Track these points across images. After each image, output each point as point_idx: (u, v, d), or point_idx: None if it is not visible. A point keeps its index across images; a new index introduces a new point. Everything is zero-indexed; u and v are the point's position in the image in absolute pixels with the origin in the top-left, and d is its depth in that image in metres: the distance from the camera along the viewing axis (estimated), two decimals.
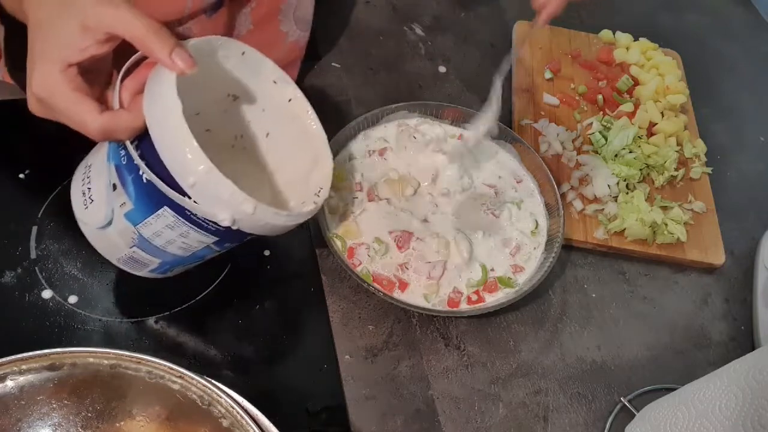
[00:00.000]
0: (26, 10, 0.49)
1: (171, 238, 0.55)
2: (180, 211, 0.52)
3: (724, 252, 0.80)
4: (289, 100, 0.62)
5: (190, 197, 0.50)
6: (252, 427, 0.48)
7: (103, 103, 0.50)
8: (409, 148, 0.78)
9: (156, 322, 0.65)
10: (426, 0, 1.01)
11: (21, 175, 0.71)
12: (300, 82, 0.86)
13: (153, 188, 0.51)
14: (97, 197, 0.56)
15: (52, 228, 0.68)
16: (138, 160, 0.51)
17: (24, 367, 0.49)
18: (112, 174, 0.54)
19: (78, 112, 0.48)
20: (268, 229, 0.55)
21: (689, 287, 0.79)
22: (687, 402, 0.59)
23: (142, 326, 0.64)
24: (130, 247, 0.57)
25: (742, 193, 0.89)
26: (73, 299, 0.65)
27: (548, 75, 0.93)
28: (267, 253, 0.71)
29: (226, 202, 0.50)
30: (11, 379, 0.48)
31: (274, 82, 0.61)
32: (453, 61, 0.95)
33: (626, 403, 0.68)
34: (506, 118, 0.89)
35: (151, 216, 0.53)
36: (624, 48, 0.97)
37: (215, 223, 0.52)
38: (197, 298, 0.67)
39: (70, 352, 0.49)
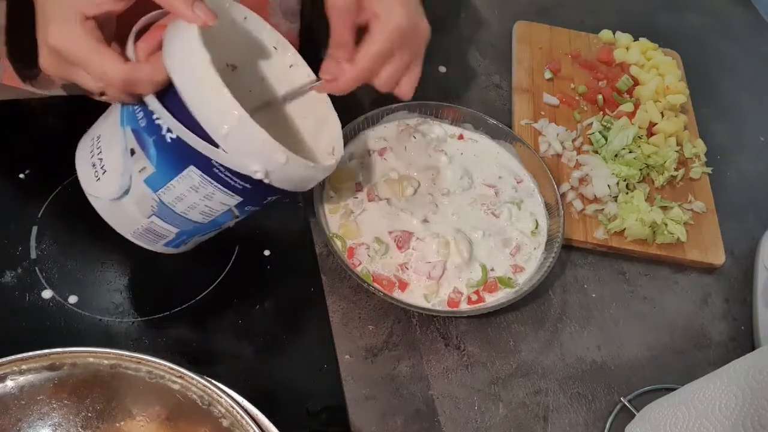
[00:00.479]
0: None
1: (194, 202, 0.53)
2: (207, 168, 0.51)
3: (724, 252, 0.80)
4: (290, 67, 0.61)
5: (222, 149, 0.49)
6: (252, 427, 0.48)
7: None
8: (409, 148, 0.78)
9: (156, 322, 0.65)
10: (426, 0, 1.01)
11: (21, 175, 0.71)
12: None
13: (179, 147, 0.50)
14: (110, 166, 0.54)
15: (53, 228, 0.68)
16: (166, 116, 0.49)
17: (24, 367, 0.49)
18: (128, 139, 0.53)
19: (100, 61, 0.48)
20: (294, 182, 0.53)
21: (689, 287, 0.79)
22: (687, 402, 0.59)
23: (142, 326, 0.64)
24: (148, 217, 0.55)
25: (742, 193, 0.89)
26: (73, 299, 0.64)
27: (548, 75, 0.93)
28: (267, 253, 0.71)
29: (259, 152, 0.49)
30: (11, 379, 0.48)
31: (275, 48, 0.60)
32: (453, 61, 0.95)
33: (626, 403, 0.68)
34: (506, 118, 0.89)
35: (175, 178, 0.52)
36: (624, 48, 0.97)
37: (243, 179, 0.51)
38: (197, 298, 0.67)
39: (70, 352, 0.49)
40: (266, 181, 0.51)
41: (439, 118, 0.82)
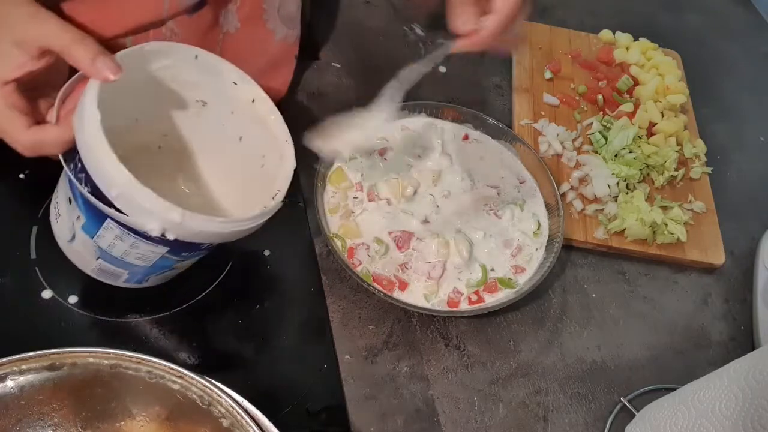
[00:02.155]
0: None
1: (125, 249, 0.55)
2: (120, 222, 0.52)
3: (724, 252, 0.80)
4: (253, 101, 0.61)
5: (118, 209, 0.50)
6: (252, 427, 0.48)
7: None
8: (410, 149, 0.78)
9: (156, 322, 0.65)
10: (426, 0, 1.01)
11: (21, 175, 0.71)
12: (300, 82, 0.86)
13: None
14: (62, 212, 0.57)
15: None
16: (70, 174, 0.51)
17: (24, 367, 0.49)
18: (68, 188, 0.54)
19: (8, 127, 0.50)
20: (209, 236, 0.53)
21: (689, 287, 0.79)
22: (687, 402, 0.59)
23: (142, 326, 0.64)
24: (96, 259, 0.57)
25: (742, 193, 0.89)
26: (73, 299, 0.64)
27: (548, 75, 0.93)
28: (267, 253, 0.71)
29: (151, 212, 0.49)
30: (11, 379, 0.48)
31: (234, 83, 0.60)
32: (453, 61, 0.95)
33: (626, 403, 0.68)
34: (506, 118, 0.89)
35: (101, 228, 0.54)
36: (624, 48, 0.97)
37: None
38: (197, 298, 0.67)
39: (70, 352, 0.49)
40: (170, 236, 0.51)
41: (439, 118, 0.82)
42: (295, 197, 0.75)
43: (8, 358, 0.48)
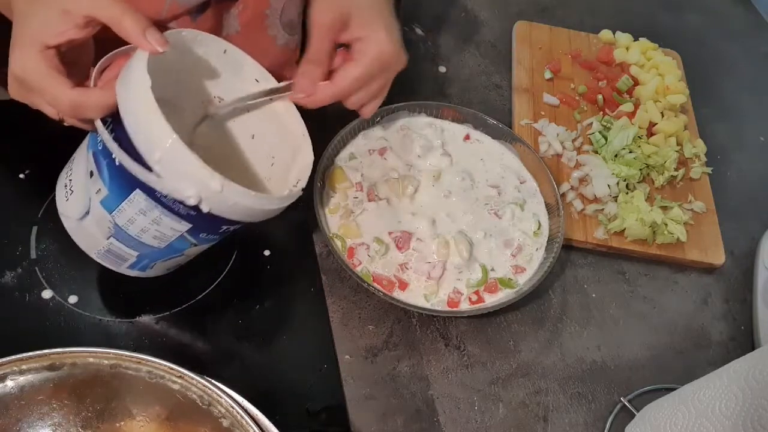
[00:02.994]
0: (12, 2, 0.52)
1: (144, 225, 0.54)
2: (150, 192, 0.51)
3: (724, 252, 0.80)
4: (271, 99, 0.61)
5: (156, 174, 0.49)
6: (252, 427, 0.48)
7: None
8: (410, 148, 0.78)
9: (156, 322, 0.65)
10: (426, 0, 1.01)
11: (21, 175, 0.71)
12: None
13: (125, 171, 0.51)
14: (77, 187, 0.56)
15: (52, 228, 0.68)
16: (107, 139, 0.50)
17: (24, 367, 0.49)
18: (90, 162, 0.54)
19: (50, 86, 0.50)
20: (239, 211, 0.53)
21: (689, 287, 0.79)
22: (687, 402, 0.59)
23: (142, 326, 0.64)
24: (107, 238, 0.56)
25: (742, 193, 0.89)
26: (73, 299, 0.65)
27: (548, 75, 0.93)
28: (267, 253, 0.71)
29: (192, 178, 0.49)
30: (11, 379, 0.48)
31: (257, 80, 0.61)
32: (453, 61, 0.95)
33: (626, 403, 0.68)
34: (506, 118, 0.89)
35: (125, 201, 0.53)
36: (624, 48, 0.97)
37: (185, 205, 0.51)
38: (197, 298, 0.67)
39: (70, 352, 0.49)
40: (204, 208, 0.51)
41: (439, 118, 0.82)
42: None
43: (8, 358, 0.48)
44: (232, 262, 0.69)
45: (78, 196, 0.56)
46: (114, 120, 0.51)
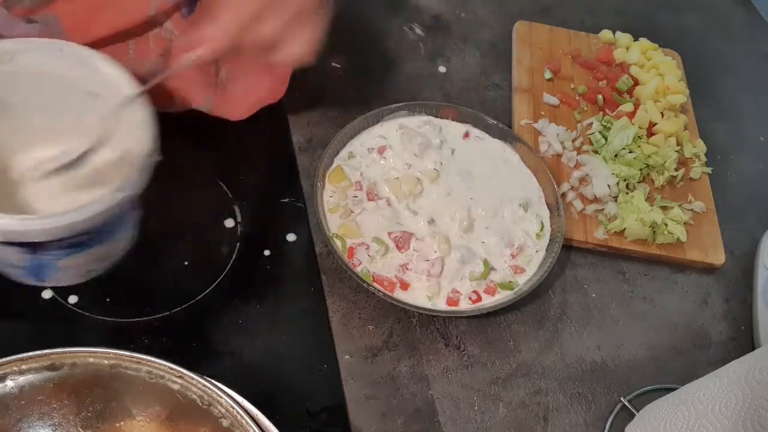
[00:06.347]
0: None
1: None
2: None
3: (724, 252, 0.80)
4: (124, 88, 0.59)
5: None
6: (252, 427, 0.48)
7: None
8: (410, 148, 0.78)
9: (156, 322, 0.65)
10: (426, 0, 1.01)
11: None
12: (299, 82, 0.86)
13: None
14: None
15: None
16: None
17: (24, 367, 0.49)
18: None
19: None
20: (24, 234, 0.52)
21: (689, 287, 0.79)
22: (687, 402, 0.59)
23: (142, 326, 0.64)
24: None
25: (742, 193, 0.89)
26: (73, 299, 0.64)
27: (548, 75, 0.93)
28: (267, 253, 0.71)
29: None
30: (11, 379, 0.48)
31: (104, 71, 0.59)
32: (453, 61, 0.95)
33: (626, 403, 0.68)
34: (506, 118, 0.89)
35: None
36: (624, 48, 0.96)
37: None
38: (197, 298, 0.67)
39: (70, 352, 0.49)
40: None
41: (439, 117, 0.82)
42: (294, 197, 0.75)
43: (8, 358, 0.48)
44: (232, 261, 0.69)
45: None
46: None
